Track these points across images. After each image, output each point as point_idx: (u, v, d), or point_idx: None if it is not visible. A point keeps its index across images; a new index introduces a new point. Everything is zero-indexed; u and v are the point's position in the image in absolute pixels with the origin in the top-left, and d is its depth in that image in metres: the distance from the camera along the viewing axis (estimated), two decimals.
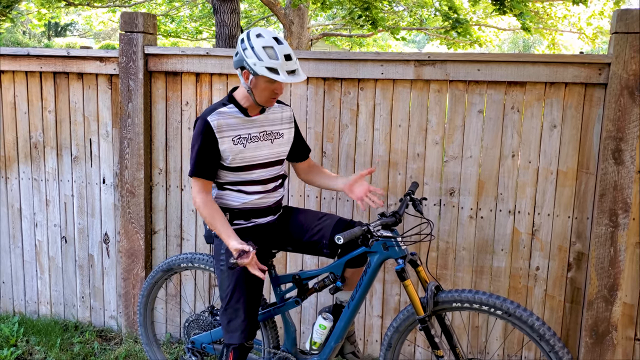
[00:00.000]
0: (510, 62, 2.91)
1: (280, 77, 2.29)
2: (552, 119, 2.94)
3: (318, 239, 2.52)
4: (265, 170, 2.52)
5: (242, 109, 2.46)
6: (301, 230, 2.57)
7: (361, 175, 2.55)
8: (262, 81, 2.35)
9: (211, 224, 2.39)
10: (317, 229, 2.53)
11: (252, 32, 2.37)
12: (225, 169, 2.47)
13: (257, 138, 2.48)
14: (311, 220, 2.59)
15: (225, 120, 2.41)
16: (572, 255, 3.00)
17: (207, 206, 2.40)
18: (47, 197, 3.62)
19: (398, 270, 2.33)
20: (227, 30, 6.17)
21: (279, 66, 2.30)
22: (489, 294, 2.27)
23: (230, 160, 2.42)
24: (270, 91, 2.38)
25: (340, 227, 2.52)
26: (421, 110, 3.07)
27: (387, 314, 3.24)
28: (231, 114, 2.44)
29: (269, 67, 2.29)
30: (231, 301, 2.40)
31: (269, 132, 2.52)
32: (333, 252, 2.52)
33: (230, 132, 2.42)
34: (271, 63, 2.29)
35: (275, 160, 2.55)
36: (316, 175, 2.74)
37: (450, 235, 3.11)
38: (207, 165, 2.41)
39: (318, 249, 2.53)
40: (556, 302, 3.04)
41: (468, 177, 3.05)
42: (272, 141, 2.53)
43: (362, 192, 2.53)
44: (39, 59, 3.46)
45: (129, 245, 3.43)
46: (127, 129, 3.33)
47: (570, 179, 2.95)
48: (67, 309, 3.72)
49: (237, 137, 2.43)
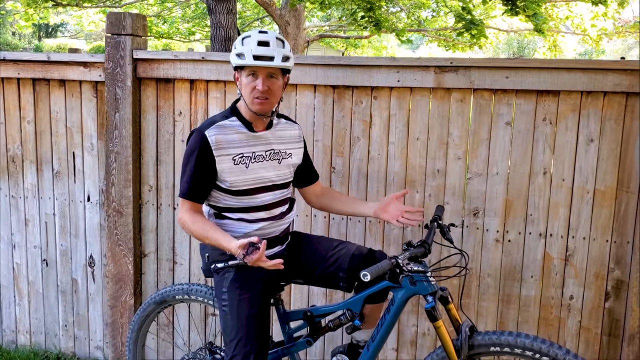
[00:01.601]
0: (543, 69, 2.61)
1: (246, 61, 2.02)
2: (588, 132, 2.64)
3: (334, 271, 2.22)
4: (271, 193, 2.21)
5: (246, 123, 2.15)
6: (315, 261, 2.26)
7: (395, 197, 2.28)
8: (243, 77, 2.10)
9: (204, 238, 2.08)
10: (333, 259, 2.23)
11: (246, 33, 2.11)
12: (223, 192, 2.16)
13: (262, 157, 2.17)
14: (325, 249, 2.28)
15: (226, 136, 2.11)
16: (611, 283, 2.70)
17: (196, 221, 2.10)
18: (27, 215, 3.28)
19: (428, 309, 2.02)
20: (223, 32, 5.84)
21: (246, 51, 2.03)
22: (532, 336, 1.98)
23: (230, 184, 2.11)
24: (251, 88, 2.09)
25: (358, 257, 2.21)
26: (442, 122, 2.76)
27: (402, 347, 2.93)
28: (233, 128, 2.13)
29: (238, 54, 2.06)
30: (238, 346, 2.07)
31: (276, 152, 2.21)
32: (350, 286, 2.22)
33: (230, 150, 2.11)
34: (241, 49, 2.05)
35: (282, 182, 2.24)
36: (333, 200, 2.43)
37: (474, 261, 2.80)
38: (201, 186, 2.11)
39: (334, 282, 2.23)
40: (592, 335, 2.74)
41: (494, 196, 2.75)
42: (280, 161, 2.22)
43: (398, 212, 2.25)
44: (16, 64, 3.13)
45: (116, 270, 3.09)
46: (114, 141, 3.00)
47: (609, 198, 2.65)
48: (48, 339, 3.38)
49: (239, 155, 2.12)
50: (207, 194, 2.16)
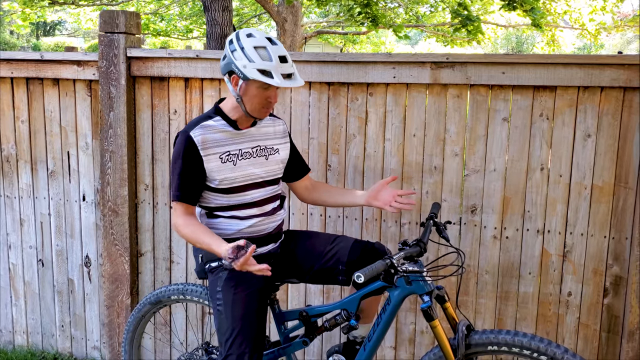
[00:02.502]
0: (539, 64, 2.59)
1: (274, 80, 1.98)
2: (586, 128, 2.62)
3: (333, 265, 2.20)
4: (261, 190, 2.20)
5: (230, 122, 2.14)
6: (312, 257, 2.25)
7: (384, 182, 2.27)
8: (253, 87, 2.04)
9: (196, 241, 2.06)
10: (331, 253, 2.21)
11: (242, 32, 2.06)
12: (214, 191, 2.14)
13: (249, 154, 2.16)
14: (322, 244, 2.26)
15: (211, 135, 2.09)
16: (609, 279, 2.68)
17: (188, 225, 2.08)
18: (22, 216, 3.27)
19: (424, 308, 2.01)
20: (219, 29, 5.80)
21: (272, 68, 1.98)
22: (530, 335, 1.96)
23: (219, 182, 2.10)
24: (263, 99, 2.07)
25: (357, 249, 2.20)
26: (438, 118, 2.74)
27: (400, 345, 2.92)
28: (218, 127, 2.12)
29: (262, 70, 1.99)
30: (233, 346, 2.06)
31: (262, 148, 2.20)
32: (349, 279, 2.21)
33: (216, 149, 2.10)
34: (264, 65, 1.98)
35: (271, 179, 2.23)
36: (324, 193, 2.41)
37: (472, 258, 2.78)
38: (191, 188, 2.10)
39: (333, 276, 2.22)
40: (591, 332, 2.72)
41: (491, 192, 2.73)
42: (267, 157, 2.21)
43: (390, 196, 2.23)
44: (9, 63, 3.10)
45: (112, 270, 3.08)
46: (109, 140, 2.98)
47: (607, 194, 2.63)
48: (45, 339, 3.36)
49: (226, 153, 2.11)
50: (198, 195, 2.14)
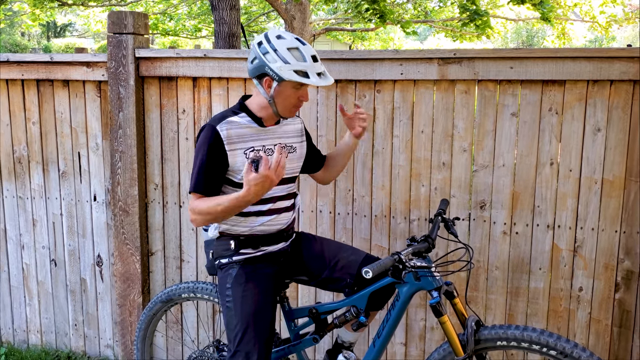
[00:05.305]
0: (548, 58, 2.57)
1: (311, 80, 2.03)
2: (595, 122, 2.60)
3: (341, 276, 2.22)
4: (278, 187, 2.21)
5: (256, 119, 2.15)
6: (320, 264, 2.26)
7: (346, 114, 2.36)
8: (288, 87, 2.07)
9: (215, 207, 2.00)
10: (340, 265, 2.23)
11: (271, 34, 2.08)
12: (235, 186, 2.13)
13: (272, 151, 2.18)
14: (332, 253, 2.27)
15: (237, 131, 2.11)
16: (620, 274, 2.66)
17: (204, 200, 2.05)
18: (34, 216, 3.30)
19: (433, 304, 2.01)
20: (227, 28, 5.82)
21: (308, 68, 2.03)
22: (540, 330, 1.95)
23: (242, 177, 2.10)
24: (295, 99, 2.12)
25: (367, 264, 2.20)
26: (446, 114, 2.74)
27: (410, 341, 2.92)
28: (243, 123, 2.13)
29: (298, 71, 2.02)
30: (241, 343, 2.07)
31: (283, 145, 2.21)
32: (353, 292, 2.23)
33: (242, 144, 2.11)
34: (299, 66, 2.02)
35: (289, 177, 2.24)
36: (332, 167, 2.51)
37: (482, 254, 2.78)
38: (212, 180, 2.09)
39: (340, 287, 2.24)
40: (602, 327, 2.71)
41: (501, 188, 2.72)
42: (287, 155, 2.21)
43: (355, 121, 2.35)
44: (20, 65, 3.13)
45: (124, 269, 3.10)
46: (119, 140, 3.00)
47: (617, 188, 2.62)
48: (59, 338, 3.40)
49: (251, 149, 2.13)
50: (218, 189, 2.12)
